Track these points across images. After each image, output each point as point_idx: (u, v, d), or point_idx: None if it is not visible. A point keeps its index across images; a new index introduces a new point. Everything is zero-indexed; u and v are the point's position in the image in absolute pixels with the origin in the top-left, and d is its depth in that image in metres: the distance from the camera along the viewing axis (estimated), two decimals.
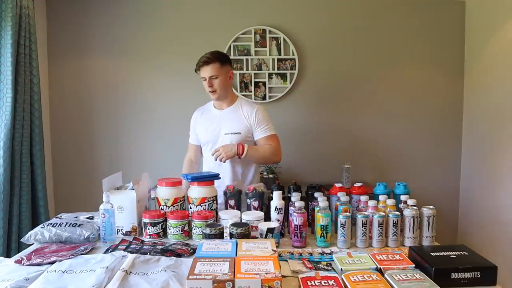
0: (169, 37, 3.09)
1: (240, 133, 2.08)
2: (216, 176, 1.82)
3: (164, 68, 3.11)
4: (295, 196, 1.63)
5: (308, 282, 1.15)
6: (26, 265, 1.33)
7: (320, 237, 1.54)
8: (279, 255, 1.40)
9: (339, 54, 3.15)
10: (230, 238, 1.46)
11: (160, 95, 3.12)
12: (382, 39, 3.14)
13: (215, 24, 3.10)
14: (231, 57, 3.08)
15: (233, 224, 1.48)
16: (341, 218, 1.52)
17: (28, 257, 1.39)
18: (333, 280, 1.15)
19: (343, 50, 3.15)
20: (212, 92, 2.08)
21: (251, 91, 3.11)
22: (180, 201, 1.74)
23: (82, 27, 3.07)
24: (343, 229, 1.52)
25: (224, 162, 2.01)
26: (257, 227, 1.52)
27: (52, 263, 1.33)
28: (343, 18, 3.13)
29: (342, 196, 1.65)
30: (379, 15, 3.13)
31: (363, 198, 1.65)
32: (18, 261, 1.36)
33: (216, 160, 2.00)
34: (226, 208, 1.78)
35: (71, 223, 1.63)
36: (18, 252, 1.59)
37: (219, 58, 2.06)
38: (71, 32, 3.07)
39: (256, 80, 3.11)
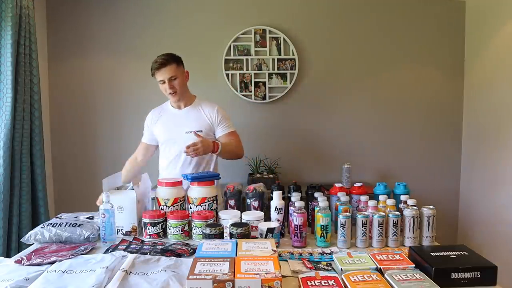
0: (170, 37, 3.09)
1: (202, 131, 2.08)
2: (216, 176, 1.81)
3: None
4: (295, 196, 1.63)
5: (308, 282, 1.15)
6: (26, 265, 1.33)
7: (320, 237, 1.54)
8: (279, 255, 1.40)
9: (339, 54, 3.15)
10: (230, 238, 1.45)
11: (160, 95, 3.11)
12: (382, 39, 3.14)
13: (215, 24, 3.10)
14: (231, 57, 3.09)
15: (233, 224, 1.48)
16: (341, 218, 1.52)
17: (28, 257, 1.39)
18: (333, 280, 1.15)
19: (343, 50, 3.15)
20: (172, 93, 2.07)
21: (251, 91, 3.11)
22: (180, 201, 1.74)
23: (82, 27, 3.07)
24: (343, 229, 1.52)
25: (194, 157, 1.99)
26: (257, 227, 1.52)
27: (52, 263, 1.33)
28: (343, 18, 3.13)
29: (342, 196, 1.65)
30: (379, 15, 3.13)
31: (363, 198, 1.65)
32: (18, 261, 1.36)
33: (188, 154, 1.93)
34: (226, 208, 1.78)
35: (71, 223, 1.63)
36: (18, 252, 1.59)
37: (174, 59, 2.07)
38: (71, 32, 3.07)
39: (256, 80, 3.11)
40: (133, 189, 1.72)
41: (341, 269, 1.24)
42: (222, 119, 2.15)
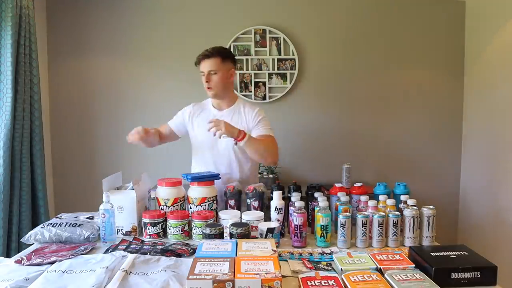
0: (170, 37, 3.09)
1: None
2: (216, 176, 1.81)
3: (164, 68, 3.11)
4: (295, 196, 1.63)
5: (308, 282, 1.15)
6: (26, 265, 1.33)
7: (320, 237, 1.54)
8: (279, 255, 1.40)
9: (339, 54, 3.15)
10: (230, 238, 1.45)
11: (160, 95, 3.12)
12: (382, 39, 3.14)
13: (215, 24, 3.10)
14: None
15: (233, 224, 1.48)
16: (341, 218, 1.52)
17: (28, 257, 1.39)
18: (333, 280, 1.15)
19: (343, 50, 3.15)
20: (208, 88, 1.95)
21: (251, 91, 3.11)
22: (180, 201, 1.74)
23: (82, 27, 3.07)
24: (343, 229, 1.52)
25: (219, 137, 1.76)
26: (257, 227, 1.52)
27: (52, 263, 1.33)
28: (343, 18, 3.13)
29: (342, 196, 1.65)
30: (379, 15, 3.13)
31: (363, 198, 1.65)
32: (18, 261, 1.36)
33: (209, 130, 1.76)
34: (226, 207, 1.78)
35: (71, 223, 1.63)
36: (18, 252, 1.59)
37: (220, 53, 1.94)
38: (71, 32, 3.07)
39: (256, 80, 3.11)
40: (133, 189, 1.72)
41: (341, 269, 1.24)
42: (261, 120, 1.99)
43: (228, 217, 1.58)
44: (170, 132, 2.12)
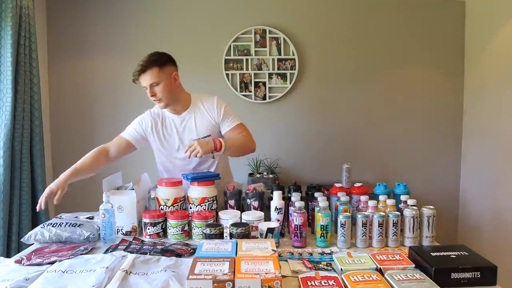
0: (169, 37, 3.09)
1: (210, 135, 1.88)
2: (216, 176, 1.81)
3: None
4: (295, 196, 1.63)
5: (308, 282, 1.15)
6: (26, 265, 1.33)
7: (320, 237, 1.54)
8: (279, 255, 1.40)
9: (339, 54, 3.15)
10: (230, 238, 1.45)
11: None
12: (382, 39, 3.14)
13: (215, 24, 3.10)
14: (231, 57, 3.08)
15: (233, 224, 1.48)
16: (341, 218, 1.52)
17: (28, 257, 1.39)
18: (333, 280, 1.15)
19: (343, 50, 3.15)
20: (157, 101, 1.83)
21: (251, 91, 3.11)
22: (180, 201, 1.74)
23: (82, 27, 3.07)
24: (343, 229, 1.52)
25: (200, 156, 1.73)
26: (257, 227, 1.52)
27: (52, 263, 1.33)
28: (343, 18, 3.13)
29: (342, 196, 1.65)
30: (379, 15, 3.13)
31: (363, 198, 1.65)
32: (18, 261, 1.36)
33: (189, 157, 1.73)
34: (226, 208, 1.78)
35: (71, 223, 1.63)
36: (18, 252, 1.59)
37: (156, 62, 1.78)
38: (71, 32, 3.07)
39: (256, 80, 3.11)
40: (133, 189, 1.72)
41: (341, 269, 1.24)
42: (225, 112, 1.92)
43: (228, 217, 1.58)
44: (126, 146, 1.90)
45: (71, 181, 1.72)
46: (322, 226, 1.53)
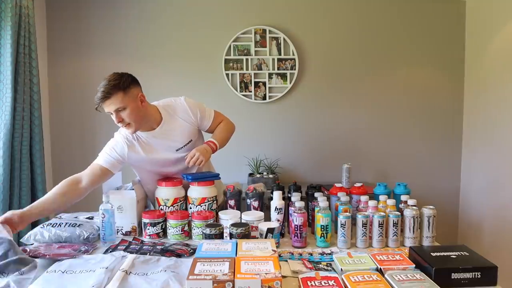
0: (169, 37, 3.09)
1: (192, 140, 1.81)
2: (216, 176, 1.81)
3: (163, 68, 3.11)
4: (295, 196, 1.63)
5: (308, 282, 1.15)
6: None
7: (320, 237, 1.54)
8: (279, 255, 1.39)
9: (339, 54, 3.15)
10: (230, 238, 1.45)
11: (160, 94, 3.10)
12: (382, 39, 3.14)
13: (215, 24, 3.10)
14: (231, 57, 3.08)
15: (233, 224, 1.48)
16: (341, 218, 1.52)
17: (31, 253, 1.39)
18: (333, 281, 1.15)
19: (343, 50, 3.15)
20: (126, 126, 1.68)
21: (251, 91, 3.11)
22: (180, 201, 1.74)
23: (82, 26, 3.07)
24: (343, 229, 1.51)
25: (203, 164, 1.72)
26: (257, 227, 1.52)
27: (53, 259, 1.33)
28: (343, 18, 3.13)
29: (342, 196, 1.65)
30: (379, 15, 3.13)
31: (363, 198, 1.65)
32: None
33: (193, 165, 1.71)
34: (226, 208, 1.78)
35: (70, 223, 1.63)
36: None
37: (119, 86, 1.61)
38: (70, 31, 3.07)
39: (256, 80, 3.11)
40: (133, 189, 1.71)
41: (341, 269, 1.24)
42: (200, 111, 1.84)
43: (228, 217, 1.58)
44: (102, 173, 1.68)
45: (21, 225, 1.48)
46: (322, 226, 1.53)
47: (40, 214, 1.54)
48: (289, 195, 1.75)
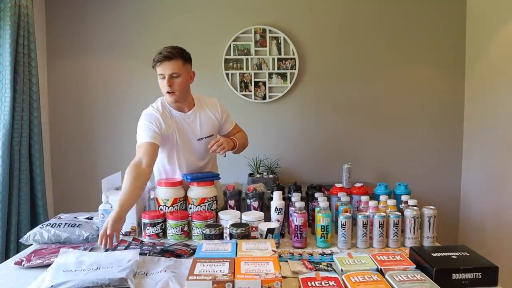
0: (169, 37, 3.08)
1: (212, 135, 1.92)
2: (216, 176, 1.81)
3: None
4: (295, 196, 1.62)
5: (308, 282, 1.14)
6: (27, 267, 1.32)
7: (321, 238, 1.53)
8: (279, 256, 1.39)
9: (340, 54, 3.14)
10: (230, 238, 1.45)
11: (160, 95, 3.10)
12: (382, 39, 3.14)
13: (215, 24, 3.09)
14: (231, 56, 3.08)
15: (233, 225, 1.48)
16: (341, 219, 1.51)
17: (27, 258, 1.39)
18: (333, 281, 1.15)
19: (344, 49, 3.14)
20: (170, 93, 1.76)
21: (251, 91, 3.10)
22: (180, 201, 1.73)
23: (81, 26, 3.07)
24: (343, 229, 1.51)
25: (225, 151, 1.81)
26: (257, 227, 1.51)
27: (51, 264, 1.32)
28: (343, 18, 3.13)
29: (343, 197, 1.64)
30: (380, 15, 3.13)
31: (364, 198, 1.64)
32: (18, 263, 1.35)
33: (215, 149, 1.78)
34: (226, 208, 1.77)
35: (70, 224, 1.63)
36: (17, 253, 1.59)
37: (182, 55, 1.77)
38: (70, 31, 3.07)
39: (256, 79, 3.11)
40: None
41: (342, 269, 1.24)
42: (226, 115, 2.00)
43: (228, 217, 1.58)
44: (153, 149, 1.73)
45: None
46: (323, 227, 1.52)
47: (131, 205, 1.56)
48: (289, 195, 1.74)
